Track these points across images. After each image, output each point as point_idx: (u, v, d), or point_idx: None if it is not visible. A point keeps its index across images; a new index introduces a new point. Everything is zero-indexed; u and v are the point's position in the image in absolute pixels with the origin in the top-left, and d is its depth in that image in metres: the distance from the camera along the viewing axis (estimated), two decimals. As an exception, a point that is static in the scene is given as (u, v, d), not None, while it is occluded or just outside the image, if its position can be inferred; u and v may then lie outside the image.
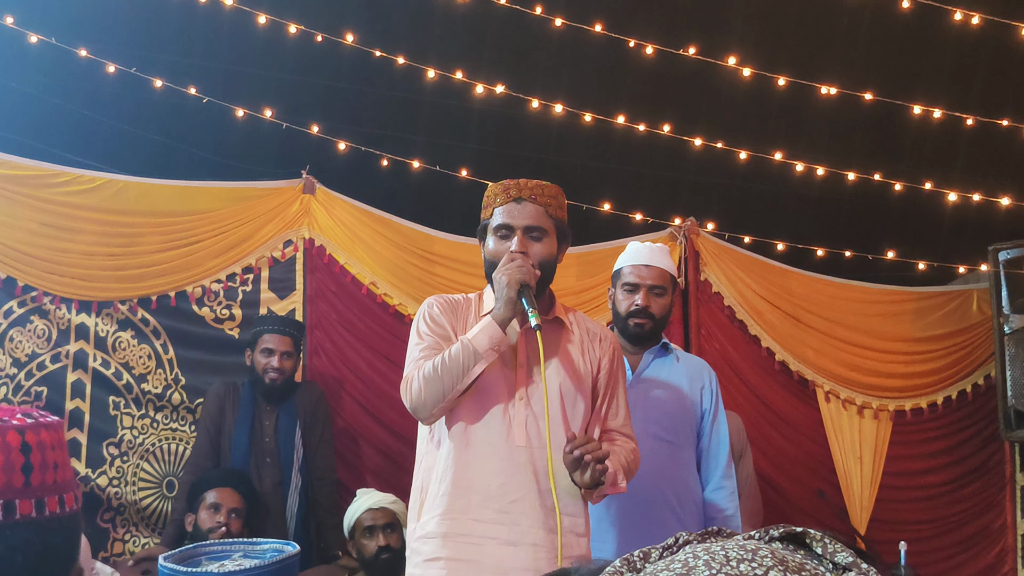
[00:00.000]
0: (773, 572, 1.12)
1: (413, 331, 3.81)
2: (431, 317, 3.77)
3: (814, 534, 1.22)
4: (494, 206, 3.71)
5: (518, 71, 6.43)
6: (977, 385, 7.31)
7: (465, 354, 3.50)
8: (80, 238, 5.78)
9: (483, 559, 3.52)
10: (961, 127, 6.42)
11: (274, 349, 5.67)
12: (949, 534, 7.12)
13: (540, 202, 3.68)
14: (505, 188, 3.71)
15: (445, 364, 3.52)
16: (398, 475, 5.86)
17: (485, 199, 3.79)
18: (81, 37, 5.73)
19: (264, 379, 5.66)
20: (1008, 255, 6.96)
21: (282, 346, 5.69)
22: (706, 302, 6.78)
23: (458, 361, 3.51)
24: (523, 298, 3.49)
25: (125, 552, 5.73)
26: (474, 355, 3.50)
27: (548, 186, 3.74)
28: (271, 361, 5.65)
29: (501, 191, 3.71)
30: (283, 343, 5.70)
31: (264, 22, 5.80)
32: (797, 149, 6.45)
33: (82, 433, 5.71)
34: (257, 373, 5.68)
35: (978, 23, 6.11)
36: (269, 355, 5.66)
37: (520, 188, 3.69)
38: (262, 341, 5.69)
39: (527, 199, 3.67)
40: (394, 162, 6.18)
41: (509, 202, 3.68)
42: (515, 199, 3.67)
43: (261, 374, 5.66)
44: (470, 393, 3.58)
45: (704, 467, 4.85)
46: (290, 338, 5.75)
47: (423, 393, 3.55)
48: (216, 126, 6.17)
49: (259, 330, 5.75)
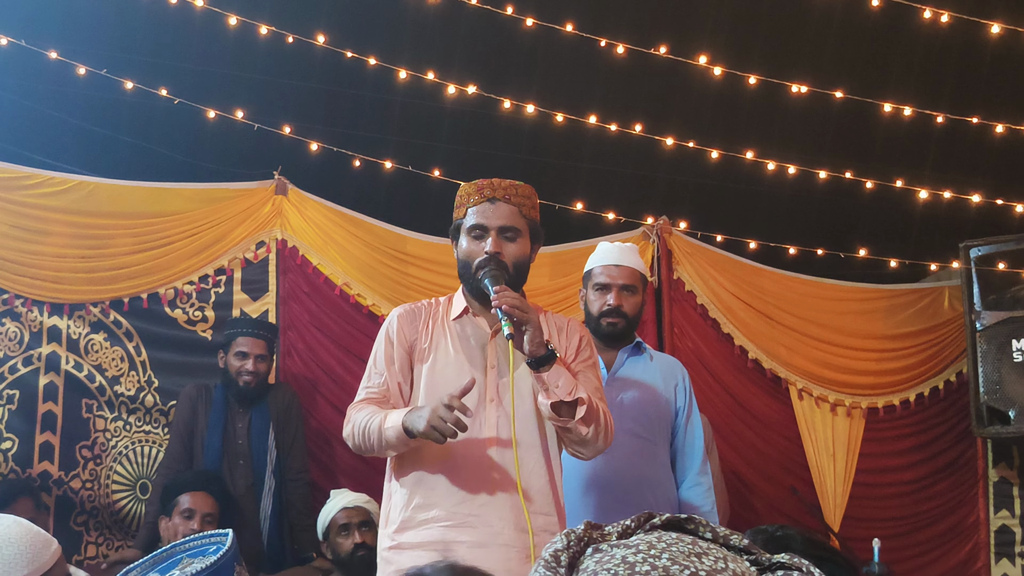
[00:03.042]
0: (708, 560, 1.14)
1: (374, 349, 3.83)
2: (387, 339, 3.78)
3: (699, 520, 1.24)
4: (467, 206, 3.71)
5: (490, 71, 6.43)
6: (949, 382, 7.33)
7: (379, 438, 3.58)
8: (51, 240, 5.76)
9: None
10: (931, 125, 6.45)
11: (248, 352, 5.66)
12: (922, 530, 7.14)
13: (514, 202, 3.67)
14: (479, 188, 3.70)
15: (366, 434, 3.62)
16: (371, 476, 5.85)
17: (458, 199, 3.78)
18: (51, 39, 5.71)
19: (238, 382, 5.65)
20: (979, 252, 6.98)
21: (256, 349, 5.69)
22: (679, 301, 6.79)
23: (373, 441, 3.60)
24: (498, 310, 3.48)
25: (99, 555, 5.72)
26: (385, 445, 3.59)
27: (521, 186, 3.74)
28: (245, 364, 5.65)
29: (475, 191, 3.71)
30: (257, 346, 5.70)
31: (235, 23, 5.79)
32: (768, 148, 6.46)
33: (55, 436, 5.69)
34: (231, 375, 5.67)
35: (947, 21, 6.14)
36: (243, 358, 5.65)
37: (494, 188, 3.69)
38: (236, 344, 5.68)
39: (501, 199, 3.66)
40: (366, 163, 6.18)
41: (483, 202, 3.67)
42: (489, 199, 3.67)
43: (235, 376, 5.65)
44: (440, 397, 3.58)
45: (679, 465, 4.88)
46: (264, 341, 5.75)
47: (354, 441, 3.68)
48: (187, 127, 6.15)
49: (232, 332, 5.74)
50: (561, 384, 3.51)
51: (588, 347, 3.88)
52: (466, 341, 3.73)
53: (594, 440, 3.64)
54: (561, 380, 3.52)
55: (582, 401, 3.53)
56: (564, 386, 3.52)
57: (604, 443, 3.70)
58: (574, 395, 3.52)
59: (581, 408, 3.53)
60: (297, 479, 5.75)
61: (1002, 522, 7.21)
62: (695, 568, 1.23)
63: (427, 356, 3.73)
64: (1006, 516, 7.21)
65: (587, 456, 3.81)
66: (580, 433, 3.58)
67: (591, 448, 3.70)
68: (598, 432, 3.63)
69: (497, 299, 3.45)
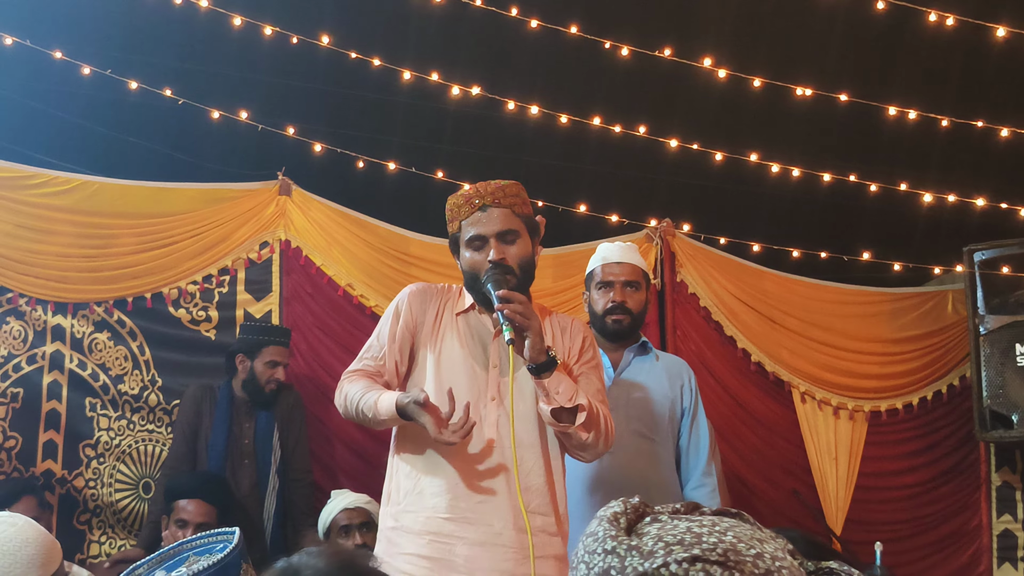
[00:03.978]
0: None
1: (381, 320, 3.86)
2: (395, 314, 3.81)
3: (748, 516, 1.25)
4: (460, 219, 3.70)
5: (494, 72, 6.42)
6: (952, 386, 7.32)
7: (372, 413, 3.63)
8: (55, 240, 5.77)
9: (452, 558, 3.53)
10: (936, 128, 6.43)
11: (279, 362, 5.72)
12: (924, 534, 7.13)
13: (505, 204, 3.67)
14: (468, 199, 3.69)
15: (358, 410, 3.68)
16: (372, 476, 5.84)
17: (449, 212, 3.77)
18: (56, 39, 5.71)
19: (265, 389, 5.70)
20: (983, 256, 6.97)
21: (286, 358, 5.78)
22: (682, 303, 6.79)
23: (364, 414, 3.66)
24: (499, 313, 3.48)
25: (101, 554, 5.73)
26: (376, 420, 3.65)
27: (508, 185, 3.73)
28: (276, 373, 5.70)
29: (464, 202, 3.70)
30: (286, 355, 5.79)
31: (239, 23, 5.78)
32: (772, 150, 6.45)
33: (58, 435, 5.70)
34: (258, 383, 5.69)
35: (953, 24, 6.12)
36: (274, 367, 5.71)
37: (482, 195, 3.67)
38: (266, 352, 5.70)
39: (492, 204, 3.66)
40: (370, 164, 6.17)
41: (475, 212, 3.66)
42: (480, 208, 3.66)
43: (262, 384, 5.68)
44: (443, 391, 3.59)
45: (684, 466, 4.88)
46: (287, 348, 5.82)
47: (344, 411, 3.78)
48: (191, 128, 6.15)
49: (262, 340, 5.75)
50: (561, 390, 3.52)
51: (591, 348, 3.88)
52: (471, 337, 3.74)
53: (594, 445, 3.65)
54: (562, 386, 3.53)
55: (582, 407, 3.54)
56: (564, 392, 3.52)
57: (604, 447, 3.71)
58: (574, 401, 3.53)
59: (581, 414, 3.53)
60: (300, 479, 5.77)
61: (1005, 526, 7.20)
62: (760, 550, 1.24)
63: (435, 344, 3.73)
64: (1009, 520, 7.20)
65: (587, 459, 3.83)
66: (580, 438, 3.59)
67: (591, 452, 3.71)
68: (598, 437, 3.63)
69: (499, 304, 3.45)
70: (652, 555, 1.23)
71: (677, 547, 1.23)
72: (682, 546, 1.23)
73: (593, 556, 1.29)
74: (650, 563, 1.22)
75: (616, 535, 1.29)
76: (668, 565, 1.21)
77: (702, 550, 1.22)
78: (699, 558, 1.21)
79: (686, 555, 1.21)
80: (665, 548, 1.24)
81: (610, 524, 1.31)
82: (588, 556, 1.30)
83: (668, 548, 1.24)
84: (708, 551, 1.22)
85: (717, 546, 1.23)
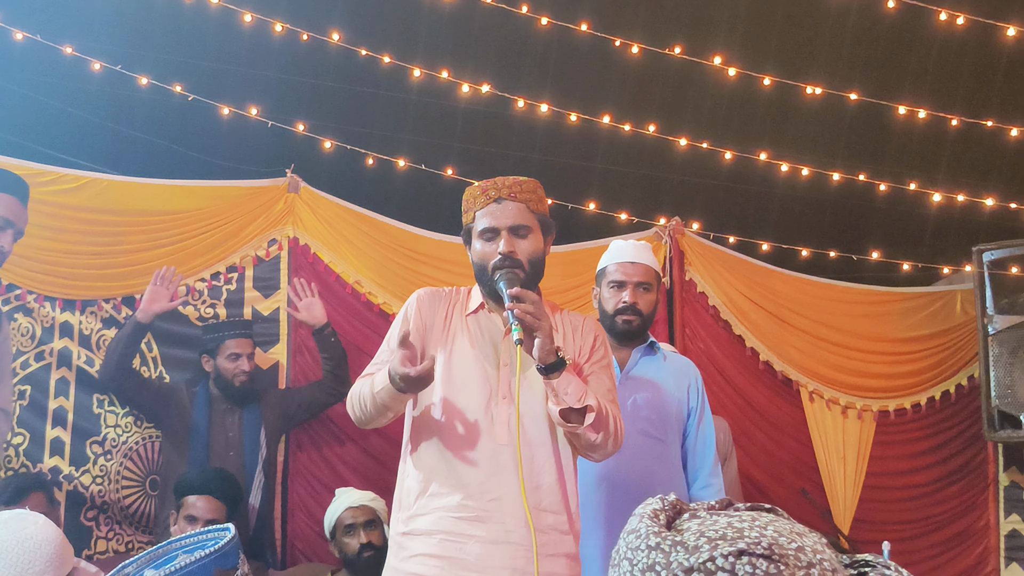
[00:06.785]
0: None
1: (392, 325, 3.87)
2: (404, 319, 3.81)
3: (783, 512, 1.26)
4: (475, 210, 3.70)
5: (504, 70, 6.43)
6: (961, 386, 7.32)
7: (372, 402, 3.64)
8: (64, 237, 5.76)
9: (464, 556, 3.52)
10: (946, 128, 6.44)
11: (240, 353, 5.72)
12: (932, 534, 7.13)
13: (520, 199, 3.66)
14: (484, 190, 3.70)
15: (361, 402, 3.70)
16: (381, 473, 5.86)
17: (465, 203, 3.77)
18: (66, 34, 5.70)
19: (234, 383, 5.70)
20: (992, 256, 6.97)
21: (246, 348, 5.76)
22: (691, 302, 6.78)
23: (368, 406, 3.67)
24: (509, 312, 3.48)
25: (108, 550, 5.72)
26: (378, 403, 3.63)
27: (526, 181, 3.73)
28: (240, 365, 5.70)
29: (480, 193, 3.70)
30: (246, 345, 5.76)
31: (250, 20, 5.78)
32: (782, 149, 6.46)
33: (65, 431, 5.69)
34: (225, 378, 5.70)
35: (963, 23, 6.12)
36: (236, 359, 5.70)
37: (498, 188, 3.68)
38: (226, 347, 5.72)
39: (507, 198, 3.65)
40: (379, 161, 6.17)
41: (490, 204, 3.66)
42: (495, 200, 3.66)
43: (230, 379, 5.69)
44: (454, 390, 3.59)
45: (691, 466, 4.86)
46: (250, 338, 5.80)
47: (353, 413, 3.77)
48: (201, 124, 6.15)
49: (218, 336, 5.76)
50: (571, 391, 3.51)
51: (603, 347, 3.87)
52: (481, 337, 3.73)
53: (603, 445, 3.64)
54: (571, 387, 3.51)
55: (591, 408, 3.53)
56: (574, 393, 3.51)
57: (613, 447, 3.70)
58: (583, 402, 3.52)
59: (590, 415, 3.52)
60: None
61: (1012, 527, 7.20)
62: (801, 543, 1.26)
63: (445, 346, 3.72)
64: (1016, 520, 7.19)
65: (597, 459, 3.82)
66: (589, 439, 3.58)
67: (600, 452, 3.70)
68: (607, 438, 3.62)
69: (510, 304, 3.44)
70: (697, 550, 1.25)
71: (721, 541, 1.25)
72: (726, 540, 1.25)
73: (637, 552, 1.30)
74: (696, 558, 1.23)
75: (659, 531, 1.30)
76: (715, 559, 1.23)
77: (747, 544, 1.23)
78: (745, 552, 1.22)
79: (732, 549, 1.23)
80: (709, 543, 1.25)
81: (651, 520, 1.32)
82: (631, 552, 1.31)
83: (712, 543, 1.25)
84: (753, 544, 1.23)
85: (761, 540, 1.24)
